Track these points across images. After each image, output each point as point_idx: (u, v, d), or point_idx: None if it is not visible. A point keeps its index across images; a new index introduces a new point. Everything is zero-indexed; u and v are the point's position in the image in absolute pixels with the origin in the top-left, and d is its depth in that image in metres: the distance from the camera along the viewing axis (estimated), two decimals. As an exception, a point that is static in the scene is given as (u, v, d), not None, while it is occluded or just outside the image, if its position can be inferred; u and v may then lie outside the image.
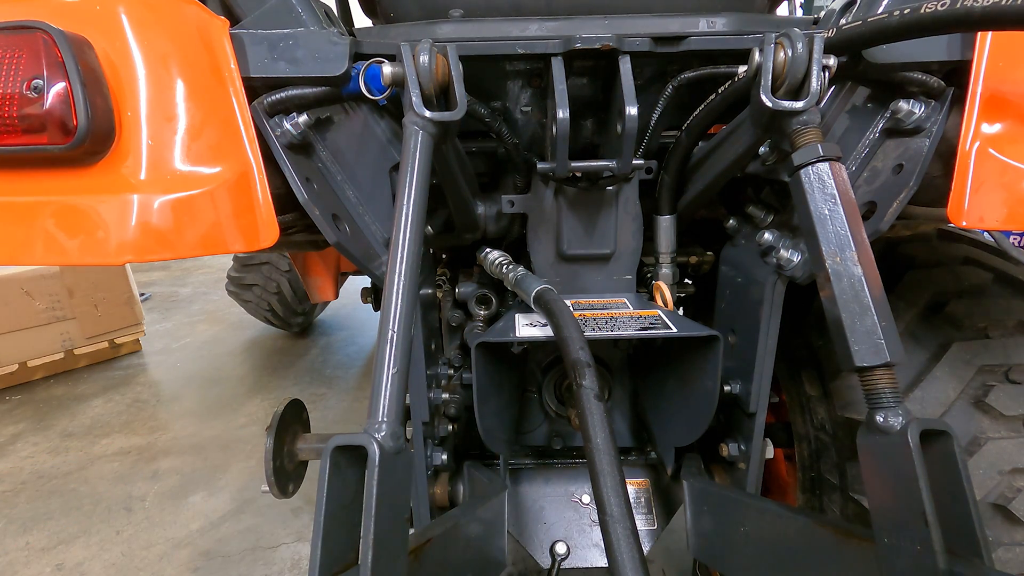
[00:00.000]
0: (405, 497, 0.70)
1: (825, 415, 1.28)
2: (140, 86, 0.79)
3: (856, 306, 0.73)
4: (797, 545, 0.93)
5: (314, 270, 2.56)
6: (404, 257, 0.77)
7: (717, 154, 1.08)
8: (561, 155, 0.99)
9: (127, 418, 3.34)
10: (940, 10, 0.71)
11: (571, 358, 0.86)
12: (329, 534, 0.63)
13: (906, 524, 0.67)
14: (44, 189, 0.79)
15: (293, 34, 0.89)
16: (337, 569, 0.65)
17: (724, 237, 1.29)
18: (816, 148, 0.80)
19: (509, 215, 1.28)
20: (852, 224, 0.77)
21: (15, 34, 0.73)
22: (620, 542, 0.67)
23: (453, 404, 1.30)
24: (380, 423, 0.67)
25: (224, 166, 0.83)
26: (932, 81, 0.90)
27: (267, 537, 2.30)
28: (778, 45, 0.82)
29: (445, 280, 1.51)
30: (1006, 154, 0.82)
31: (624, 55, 0.95)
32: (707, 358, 1.04)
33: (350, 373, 3.86)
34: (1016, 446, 1.03)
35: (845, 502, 1.22)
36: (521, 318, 1.15)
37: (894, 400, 0.70)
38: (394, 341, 0.71)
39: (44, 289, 3.75)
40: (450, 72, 0.87)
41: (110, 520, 2.44)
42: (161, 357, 4.27)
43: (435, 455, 1.23)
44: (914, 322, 1.15)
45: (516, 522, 1.38)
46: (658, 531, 1.37)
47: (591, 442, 0.76)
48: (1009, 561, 1.02)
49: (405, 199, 0.79)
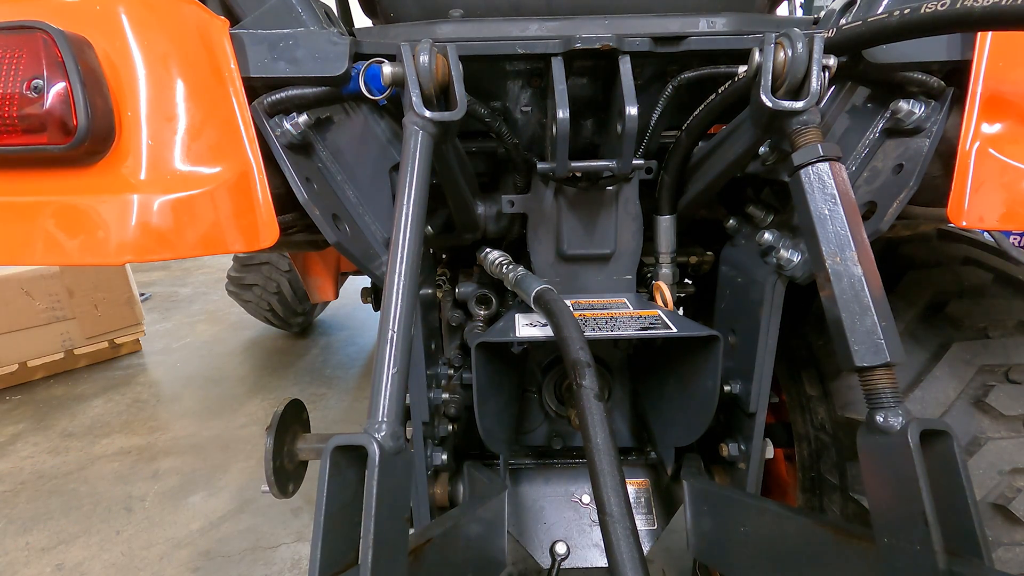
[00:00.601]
0: (405, 497, 0.70)
1: (825, 415, 1.28)
2: (140, 86, 0.79)
3: (856, 306, 0.73)
4: (797, 545, 0.92)
5: (314, 270, 2.56)
6: (404, 257, 0.77)
7: (717, 154, 1.08)
8: (561, 155, 0.99)
9: (127, 418, 3.34)
10: (940, 10, 0.71)
11: (571, 358, 0.86)
12: (329, 534, 0.63)
13: (906, 524, 0.67)
14: (44, 189, 0.79)
15: (293, 34, 0.89)
16: (337, 569, 0.65)
17: (724, 237, 1.29)
18: (816, 148, 0.80)
19: (509, 215, 1.28)
20: (852, 224, 0.77)
21: (15, 34, 0.73)
22: (620, 542, 0.67)
23: (453, 404, 1.30)
24: (380, 423, 0.67)
25: (224, 166, 0.83)
26: (932, 81, 0.90)
27: (267, 537, 2.30)
28: (778, 45, 0.82)
29: (445, 280, 1.51)
30: (1006, 154, 0.82)
31: (624, 55, 0.95)
32: (707, 358, 1.04)
33: (350, 373, 3.86)
34: (1016, 446, 1.03)
35: (845, 502, 1.22)
36: (521, 318, 1.15)
37: (894, 400, 0.71)
38: (394, 341, 0.71)
39: (44, 289, 3.75)
40: (450, 72, 0.87)
41: (110, 520, 2.44)
42: (161, 357, 4.27)
43: (435, 455, 1.23)
44: (914, 322, 1.15)
45: (516, 522, 1.38)
46: (658, 531, 1.37)
47: (591, 442, 0.76)
48: (1009, 561, 1.02)
49: (405, 199, 0.80)
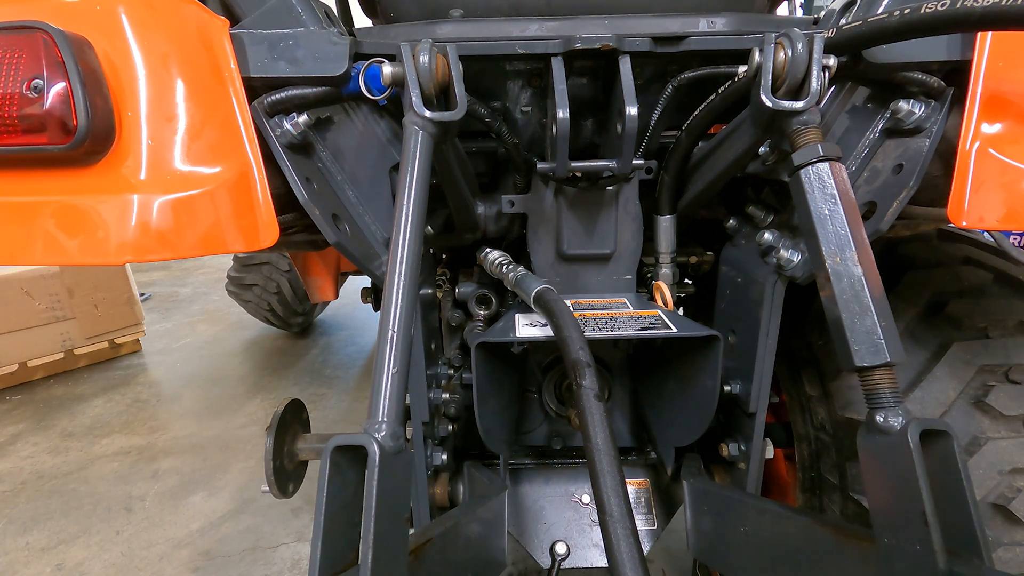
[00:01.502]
0: (405, 497, 0.70)
1: (825, 415, 1.27)
2: (140, 86, 0.79)
3: (856, 306, 0.73)
4: (797, 545, 0.92)
5: (314, 270, 2.56)
6: (404, 257, 0.77)
7: (717, 154, 1.08)
8: (561, 155, 0.99)
9: (127, 418, 3.34)
10: (940, 10, 0.71)
11: (571, 358, 0.86)
12: (329, 534, 0.63)
13: (906, 524, 0.67)
14: (44, 189, 0.79)
15: (293, 34, 0.89)
16: (337, 569, 0.65)
17: (724, 237, 1.29)
18: (816, 148, 0.80)
19: (509, 215, 1.28)
20: (852, 224, 0.77)
21: (15, 34, 0.73)
22: (620, 542, 0.67)
23: (453, 404, 1.30)
24: (380, 423, 0.67)
25: (224, 166, 0.83)
26: (932, 81, 0.90)
27: (267, 537, 2.30)
28: (778, 45, 0.82)
29: (445, 280, 1.51)
30: (1006, 154, 0.82)
31: (624, 55, 0.95)
32: (707, 358, 1.04)
33: (350, 373, 3.86)
34: (1016, 446, 1.03)
35: (845, 502, 1.22)
36: (521, 318, 1.15)
37: (894, 400, 0.71)
38: (394, 341, 0.71)
39: (44, 289, 3.75)
40: (450, 72, 0.87)
41: (110, 520, 2.44)
42: (161, 357, 4.27)
43: (435, 455, 1.23)
44: (914, 322, 1.15)
45: (516, 522, 1.38)
46: (658, 531, 1.37)
47: (591, 442, 0.76)
48: (1009, 561, 1.02)
49: (405, 199, 0.80)
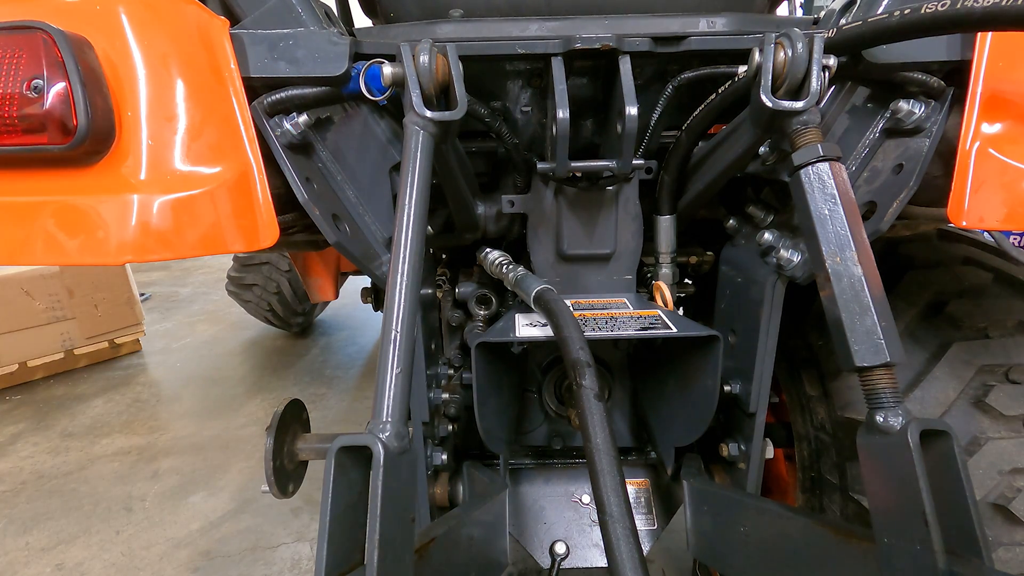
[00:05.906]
0: (410, 497, 0.70)
1: (825, 415, 1.28)
2: (140, 86, 0.79)
3: (856, 306, 0.73)
4: (797, 545, 0.92)
5: (314, 270, 2.56)
6: (406, 257, 0.77)
7: (717, 154, 1.08)
8: (561, 155, 0.99)
9: (127, 418, 3.34)
10: (940, 10, 0.71)
11: (571, 358, 0.86)
12: (335, 535, 0.63)
13: (906, 524, 0.67)
14: (44, 189, 0.79)
15: (293, 34, 0.89)
16: (343, 569, 0.65)
17: (724, 237, 1.29)
18: (816, 148, 0.80)
19: (509, 215, 1.28)
20: (852, 224, 0.77)
21: (15, 34, 0.73)
22: (620, 542, 0.67)
23: (453, 404, 1.30)
24: (384, 423, 0.67)
25: (224, 166, 0.83)
26: (932, 81, 0.90)
27: (267, 537, 2.30)
28: (778, 45, 0.82)
29: (445, 280, 1.51)
30: (1006, 154, 0.82)
31: (624, 55, 0.95)
32: (707, 358, 1.04)
33: (350, 373, 3.86)
34: (1016, 446, 1.03)
35: (845, 502, 1.22)
36: (521, 318, 1.15)
37: (894, 400, 0.71)
38: (397, 341, 0.71)
39: (44, 289, 3.75)
40: (450, 72, 0.87)
41: (110, 520, 2.44)
42: (161, 357, 4.27)
43: (435, 455, 1.23)
44: (914, 322, 1.15)
45: (516, 522, 1.38)
46: (658, 531, 1.37)
47: (591, 442, 0.76)
48: (1009, 561, 1.02)
49: (406, 199, 0.80)
